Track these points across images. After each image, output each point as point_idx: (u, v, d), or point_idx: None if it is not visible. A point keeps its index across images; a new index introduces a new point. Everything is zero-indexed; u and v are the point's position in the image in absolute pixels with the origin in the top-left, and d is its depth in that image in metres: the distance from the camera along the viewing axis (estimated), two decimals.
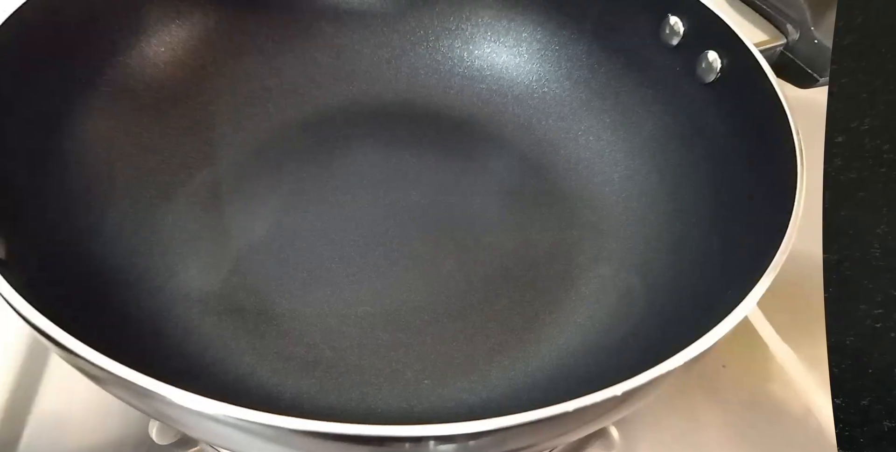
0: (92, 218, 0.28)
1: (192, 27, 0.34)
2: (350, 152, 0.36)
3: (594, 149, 0.36)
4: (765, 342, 0.34)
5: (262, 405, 0.17)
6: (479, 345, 0.29)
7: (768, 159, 0.27)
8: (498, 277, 0.32)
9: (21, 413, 0.28)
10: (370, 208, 0.34)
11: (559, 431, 0.20)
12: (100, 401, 0.28)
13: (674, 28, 0.32)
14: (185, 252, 0.30)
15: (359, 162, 0.35)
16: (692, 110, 0.32)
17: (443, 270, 0.32)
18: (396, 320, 0.30)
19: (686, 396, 0.31)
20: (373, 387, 0.28)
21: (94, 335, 0.18)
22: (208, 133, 0.34)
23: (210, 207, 0.32)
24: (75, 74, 0.29)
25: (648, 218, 0.32)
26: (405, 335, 0.29)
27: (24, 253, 0.23)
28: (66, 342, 0.18)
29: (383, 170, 0.35)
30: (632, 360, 0.25)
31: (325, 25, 0.37)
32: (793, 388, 0.32)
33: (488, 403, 0.27)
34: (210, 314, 0.29)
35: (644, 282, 0.30)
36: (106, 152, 0.30)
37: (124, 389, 0.18)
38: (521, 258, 0.32)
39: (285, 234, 0.32)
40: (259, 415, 0.17)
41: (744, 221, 0.27)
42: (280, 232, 0.32)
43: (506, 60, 0.38)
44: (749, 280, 0.22)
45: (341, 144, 0.36)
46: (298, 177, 0.34)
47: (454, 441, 0.17)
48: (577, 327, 0.30)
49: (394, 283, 0.31)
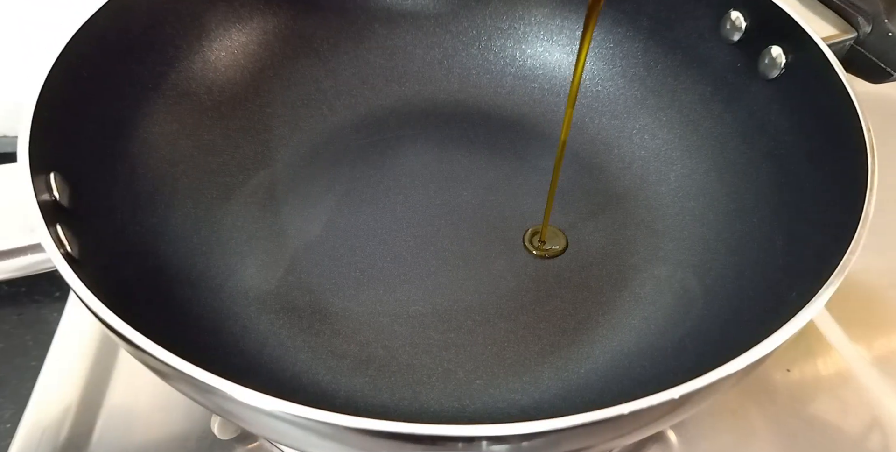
0: (157, 218, 0.29)
1: (252, 32, 0.35)
2: (402, 153, 0.36)
3: (649, 147, 0.35)
4: (832, 345, 0.32)
5: (317, 402, 0.17)
6: (531, 346, 0.29)
7: (836, 157, 0.26)
8: (549, 277, 0.31)
9: (94, 407, 0.29)
10: (422, 207, 0.34)
11: (614, 434, 0.20)
12: (166, 397, 0.29)
13: (735, 23, 0.31)
14: (244, 252, 0.31)
15: (411, 162, 0.36)
16: (754, 107, 0.31)
17: (494, 270, 0.32)
18: (448, 319, 0.30)
19: (748, 400, 0.30)
20: (425, 386, 0.28)
21: (158, 332, 0.19)
22: (265, 135, 0.35)
23: (267, 207, 0.33)
24: (142, 80, 0.31)
25: (707, 218, 0.32)
26: (456, 334, 0.29)
27: (94, 252, 0.24)
28: (134, 338, 0.19)
29: (435, 170, 0.35)
30: (689, 363, 0.25)
31: (379, 27, 0.37)
32: (862, 394, 0.31)
33: (540, 404, 0.27)
34: (267, 312, 0.29)
35: (702, 283, 0.30)
36: (170, 155, 0.31)
37: (187, 384, 0.19)
38: (573, 259, 0.32)
39: (339, 234, 0.33)
40: (314, 412, 0.17)
41: (809, 220, 0.26)
42: (334, 232, 0.33)
43: (558, 58, 0.38)
44: (815, 282, 0.21)
45: (393, 144, 0.36)
46: (352, 177, 0.35)
47: (507, 441, 0.17)
48: (631, 328, 0.30)
49: (445, 283, 0.31)
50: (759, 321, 0.22)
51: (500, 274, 0.32)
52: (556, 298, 0.31)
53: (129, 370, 0.30)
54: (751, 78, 0.31)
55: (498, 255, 0.32)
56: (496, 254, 0.32)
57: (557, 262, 0.32)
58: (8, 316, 0.34)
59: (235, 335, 0.28)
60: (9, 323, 0.34)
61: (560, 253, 0.32)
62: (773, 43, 0.29)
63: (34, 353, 0.33)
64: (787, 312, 0.20)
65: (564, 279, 0.31)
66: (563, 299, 0.31)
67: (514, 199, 0.34)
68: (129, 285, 0.26)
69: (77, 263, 0.22)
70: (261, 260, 0.31)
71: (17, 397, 0.31)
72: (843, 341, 0.33)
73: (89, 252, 0.23)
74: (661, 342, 0.28)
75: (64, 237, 0.22)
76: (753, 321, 0.24)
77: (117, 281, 0.25)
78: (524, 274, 0.32)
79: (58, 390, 0.30)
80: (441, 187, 0.35)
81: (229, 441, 0.28)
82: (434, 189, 0.35)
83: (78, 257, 0.22)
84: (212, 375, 0.18)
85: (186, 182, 0.31)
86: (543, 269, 0.32)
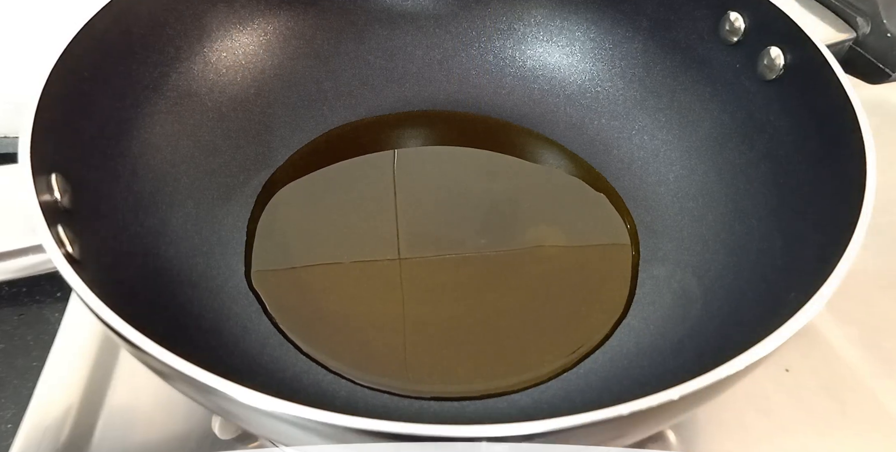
0: (158, 219, 0.29)
1: (252, 33, 0.35)
2: (402, 153, 0.36)
3: (648, 148, 0.35)
4: (832, 345, 0.33)
5: (317, 402, 0.17)
6: (531, 345, 0.29)
7: (835, 157, 0.26)
8: (549, 276, 0.32)
9: (95, 407, 0.29)
10: (422, 207, 0.34)
11: (614, 434, 0.20)
12: (167, 397, 0.29)
13: (734, 24, 0.31)
14: (244, 252, 0.31)
15: (410, 163, 0.36)
16: (752, 108, 0.31)
17: (493, 269, 0.32)
18: (447, 318, 0.30)
19: (748, 400, 0.30)
20: (425, 386, 0.28)
21: (159, 333, 0.19)
22: (266, 135, 0.35)
23: (267, 207, 0.33)
24: (143, 80, 0.31)
25: (706, 218, 0.32)
26: (456, 333, 0.29)
27: (95, 253, 0.24)
28: (135, 338, 0.19)
29: (434, 170, 0.36)
30: (688, 363, 0.25)
31: (379, 28, 0.38)
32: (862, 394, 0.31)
33: (540, 404, 0.27)
34: (267, 312, 0.29)
35: (701, 283, 0.30)
36: (170, 155, 0.31)
37: (187, 385, 0.19)
38: (573, 258, 0.32)
39: (339, 233, 0.33)
40: (315, 412, 0.17)
41: (808, 221, 0.26)
42: (334, 232, 0.33)
43: (558, 59, 0.38)
44: (815, 282, 0.21)
45: (393, 144, 0.36)
46: (352, 177, 0.35)
47: (507, 441, 0.17)
48: (630, 328, 0.30)
49: (445, 282, 0.31)
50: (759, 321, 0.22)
51: (499, 272, 0.32)
52: (555, 297, 0.31)
53: (130, 371, 0.30)
54: (750, 79, 0.31)
55: (497, 254, 0.32)
56: (495, 253, 0.32)
57: (557, 262, 0.32)
58: (9, 317, 0.34)
59: (236, 335, 0.28)
60: (10, 324, 0.34)
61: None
62: (772, 44, 0.29)
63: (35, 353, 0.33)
64: (786, 312, 0.20)
65: (564, 279, 0.31)
66: (562, 298, 0.31)
67: (513, 199, 0.35)
68: (130, 285, 0.26)
69: (78, 263, 0.22)
70: (261, 260, 0.31)
71: (19, 397, 0.31)
72: (843, 341, 0.33)
73: (90, 253, 0.23)
74: (661, 342, 0.28)
75: (65, 238, 0.22)
76: (753, 321, 0.24)
77: (118, 282, 0.25)
78: (524, 274, 0.32)
79: (59, 390, 0.30)
80: (441, 187, 0.35)
81: (230, 441, 0.28)
82: (434, 189, 0.35)
83: (79, 257, 0.22)
84: (212, 375, 0.18)
85: (187, 182, 0.32)
86: (543, 269, 0.32)
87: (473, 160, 0.36)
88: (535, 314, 0.30)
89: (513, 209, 0.34)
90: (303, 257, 0.32)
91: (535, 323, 0.30)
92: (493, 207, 0.34)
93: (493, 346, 0.29)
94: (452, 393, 0.28)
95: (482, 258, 0.32)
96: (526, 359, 0.29)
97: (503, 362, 0.29)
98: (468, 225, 0.33)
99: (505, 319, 0.30)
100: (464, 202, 0.34)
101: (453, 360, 0.29)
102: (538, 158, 0.36)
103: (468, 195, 0.35)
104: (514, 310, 0.30)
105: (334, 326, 0.30)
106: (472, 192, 0.35)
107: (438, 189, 0.35)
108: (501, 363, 0.29)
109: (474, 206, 0.34)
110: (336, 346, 0.29)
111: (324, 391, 0.27)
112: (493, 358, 0.29)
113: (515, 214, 0.34)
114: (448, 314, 0.30)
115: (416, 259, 0.32)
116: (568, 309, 0.30)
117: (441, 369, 0.28)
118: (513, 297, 0.31)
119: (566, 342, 0.29)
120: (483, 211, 0.34)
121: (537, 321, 0.30)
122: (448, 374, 0.28)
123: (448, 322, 0.30)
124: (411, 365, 0.28)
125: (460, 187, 0.35)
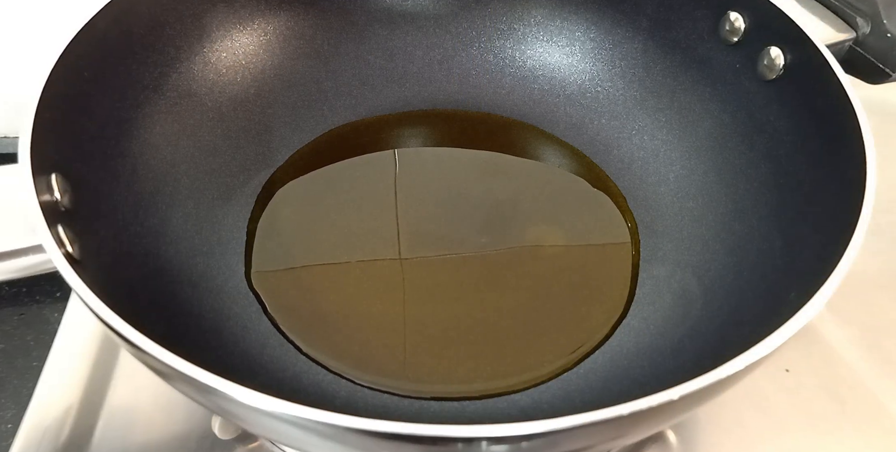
0: (158, 219, 0.29)
1: (252, 33, 0.35)
2: (402, 153, 0.36)
3: (648, 148, 0.35)
4: (832, 345, 0.33)
5: (317, 402, 0.17)
6: (531, 345, 0.29)
7: (835, 157, 0.26)
8: (549, 276, 0.32)
9: (95, 407, 0.29)
10: (422, 207, 0.34)
11: (614, 434, 0.20)
12: (167, 397, 0.29)
13: (734, 24, 0.31)
14: (244, 252, 0.31)
15: (411, 162, 0.36)
16: (752, 108, 0.31)
17: (493, 268, 0.32)
18: (447, 318, 0.30)
19: (748, 400, 0.30)
20: (425, 385, 0.28)
21: (159, 333, 0.19)
22: (266, 135, 0.35)
23: (267, 207, 0.33)
24: (143, 80, 0.31)
25: (706, 218, 0.32)
26: (456, 333, 0.29)
27: (95, 253, 0.24)
28: (135, 338, 0.19)
29: (434, 170, 0.36)
30: (688, 363, 0.25)
31: (379, 28, 0.38)
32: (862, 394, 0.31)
33: (540, 404, 0.27)
34: (267, 312, 0.30)
35: (701, 283, 0.30)
36: (170, 155, 0.31)
37: (187, 385, 0.19)
38: (572, 258, 0.32)
39: (339, 233, 0.33)
40: (315, 412, 0.17)
41: (808, 221, 0.26)
42: (334, 232, 0.33)
43: (558, 59, 0.38)
44: (815, 282, 0.21)
45: (393, 144, 0.36)
46: (352, 177, 0.35)
47: (507, 442, 0.17)
48: (630, 328, 0.30)
49: (445, 282, 0.31)
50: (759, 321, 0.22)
51: (499, 272, 0.32)
52: (555, 297, 0.31)
53: (130, 371, 0.30)
54: (750, 79, 0.31)
55: (498, 253, 0.32)
56: (496, 252, 0.32)
57: (557, 261, 0.32)
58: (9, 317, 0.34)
59: (236, 335, 0.28)
60: (10, 324, 0.34)
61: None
62: (772, 44, 0.29)
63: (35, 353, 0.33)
64: (786, 312, 0.20)
65: (564, 279, 0.31)
66: (562, 298, 0.31)
67: (513, 199, 0.35)
68: (131, 285, 0.26)
69: (78, 263, 0.22)
70: (261, 260, 0.31)
71: (19, 397, 0.31)
72: (843, 341, 0.33)
73: (90, 253, 0.23)
74: (661, 342, 0.28)
75: (65, 238, 0.22)
76: (753, 321, 0.24)
77: (118, 282, 0.25)
78: (524, 273, 0.32)
79: (59, 390, 0.30)
80: (441, 187, 0.35)
81: (230, 441, 0.28)
82: (434, 189, 0.35)
83: (79, 257, 0.22)
84: (212, 375, 0.18)
85: (187, 182, 0.32)
86: (543, 269, 0.32)
87: (473, 160, 0.36)
88: (535, 313, 0.30)
89: (513, 209, 0.34)
90: (303, 258, 0.32)
91: (535, 323, 0.30)
92: (494, 206, 0.34)
93: (492, 346, 0.29)
94: (452, 393, 0.28)
95: (482, 258, 0.32)
96: (526, 359, 0.29)
97: (503, 362, 0.29)
98: (468, 225, 0.33)
99: (505, 319, 0.30)
100: (464, 202, 0.34)
101: (453, 360, 0.29)
102: (538, 156, 0.36)
103: (468, 195, 0.35)
104: (514, 310, 0.30)
105: (334, 326, 0.30)
106: (473, 191, 0.35)
107: (438, 189, 0.35)
108: (501, 363, 0.29)
109: (474, 205, 0.34)
110: (336, 346, 0.29)
111: (324, 391, 0.27)
112: (493, 358, 0.29)
113: (516, 213, 0.34)
114: (448, 314, 0.30)
115: (417, 259, 0.32)
116: (568, 309, 0.30)
117: (441, 369, 0.28)
118: (513, 297, 0.31)
119: (566, 342, 0.29)
120: (483, 211, 0.34)
121: (537, 320, 0.30)
122: (448, 374, 0.28)
123: (448, 322, 0.30)
124: (411, 365, 0.28)
125: (460, 187, 0.35)
